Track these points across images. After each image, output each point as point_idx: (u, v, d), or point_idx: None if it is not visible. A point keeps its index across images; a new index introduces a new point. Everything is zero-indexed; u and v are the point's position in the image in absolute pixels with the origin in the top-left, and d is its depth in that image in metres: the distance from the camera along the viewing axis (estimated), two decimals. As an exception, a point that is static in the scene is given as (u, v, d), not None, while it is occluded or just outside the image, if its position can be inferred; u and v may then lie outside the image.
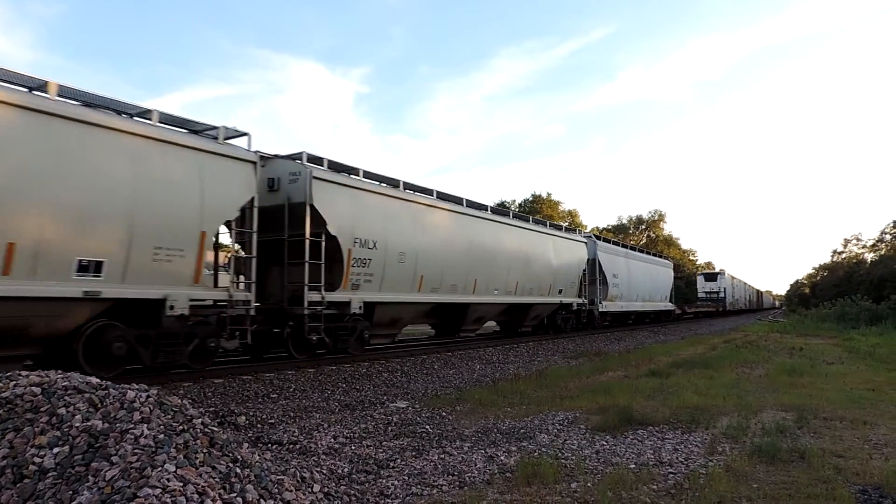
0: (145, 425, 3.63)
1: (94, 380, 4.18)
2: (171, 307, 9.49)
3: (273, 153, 12.62)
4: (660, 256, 39.96)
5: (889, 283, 42.00)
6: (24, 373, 4.18)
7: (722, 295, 59.05)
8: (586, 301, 24.30)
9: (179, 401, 4.19)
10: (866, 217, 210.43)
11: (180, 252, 9.60)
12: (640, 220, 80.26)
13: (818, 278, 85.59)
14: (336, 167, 13.20)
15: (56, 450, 3.39)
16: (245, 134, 11.18)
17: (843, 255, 71.87)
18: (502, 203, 71.41)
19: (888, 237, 58.83)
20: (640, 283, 31.50)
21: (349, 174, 13.66)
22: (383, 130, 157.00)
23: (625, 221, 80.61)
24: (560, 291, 21.89)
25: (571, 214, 72.93)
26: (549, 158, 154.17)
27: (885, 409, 7.94)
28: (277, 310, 12.00)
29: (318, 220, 11.98)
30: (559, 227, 24.12)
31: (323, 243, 12.02)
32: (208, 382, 9.90)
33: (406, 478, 4.96)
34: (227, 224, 10.86)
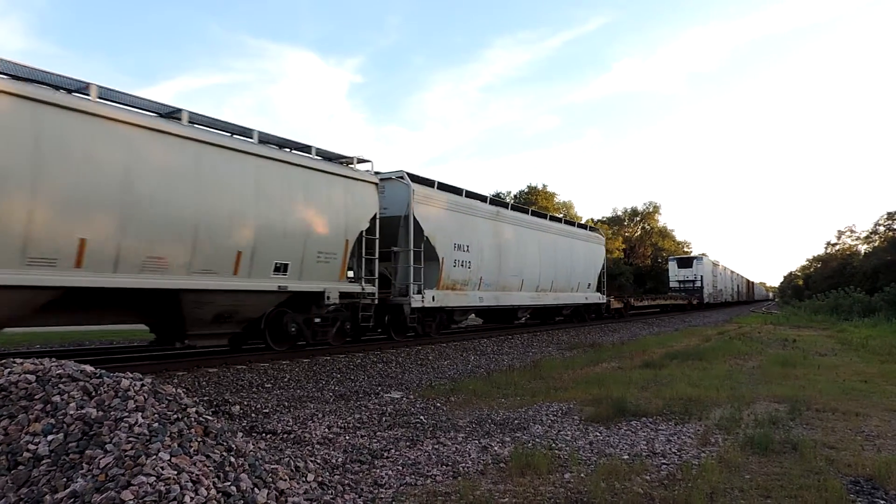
0: (140, 414, 3.63)
1: (89, 368, 4.18)
2: None
3: None
4: (581, 227, 26.80)
5: (882, 275, 42.16)
6: (18, 360, 4.17)
7: (699, 284, 48.73)
8: (368, 289, 13.49)
9: (174, 390, 4.19)
10: (860, 209, 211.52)
11: None
12: (635, 212, 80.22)
13: (812, 270, 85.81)
14: None
15: (50, 437, 3.39)
16: None
17: (837, 247, 71.98)
18: (498, 194, 71.46)
19: (882, 229, 58.89)
20: (529, 262, 20.35)
21: None
22: (378, 121, 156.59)
23: (620, 213, 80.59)
24: (282, 269, 11.28)
25: (566, 206, 72.92)
26: (544, 150, 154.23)
27: (878, 401, 7.99)
28: None
29: None
30: (304, 148, 12.36)
31: None
32: (202, 371, 9.90)
33: (400, 468, 4.98)
34: None
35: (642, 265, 70.25)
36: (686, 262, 51.43)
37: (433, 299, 15.42)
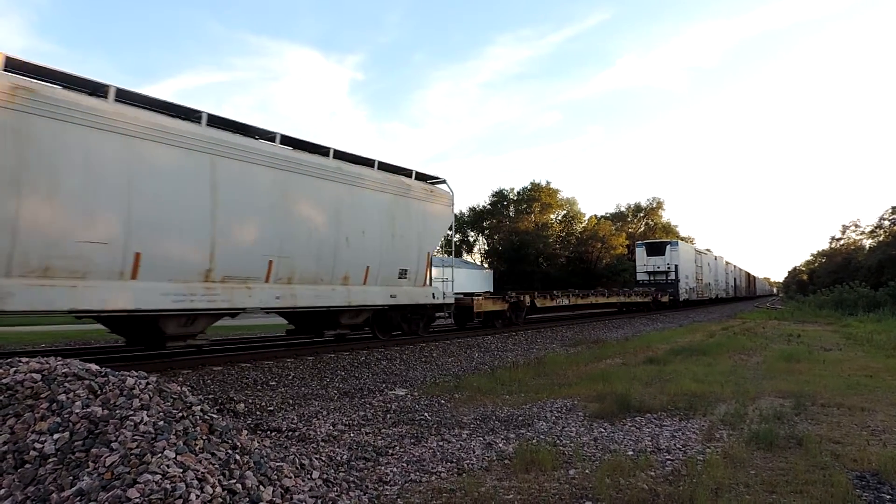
0: (145, 412, 3.64)
1: (94, 367, 4.19)
2: None
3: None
4: (388, 169, 14.60)
5: (887, 270, 42.08)
6: (24, 359, 4.19)
7: (672, 277, 37.72)
8: None
9: (179, 388, 4.19)
10: (865, 203, 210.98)
11: None
12: (638, 208, 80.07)
13: (816, 265, 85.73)
14: None
15: (56, 436, 3.40)
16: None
17: (842, 242, 71.85)
18: (500, 191, 71.56)
19: (887, 223, 58.70)
20: (172, 220, 9.61)
21: None
22: (380, 118, 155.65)
23: (623, 209, 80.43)
24: None
25: (570, 202, 72.86)
26: (546, 146, 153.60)
27: (883, 396, 7.98)
28: None
29: None
30: None
31: None
32: (207, 370, 9.92)
33: (405, 465, 4.98)
34: None
35: (646, 261, 70.06)
36: (656, 248, 40.05)
37: None
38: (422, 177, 15.70)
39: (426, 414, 6.95)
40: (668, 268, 38.28)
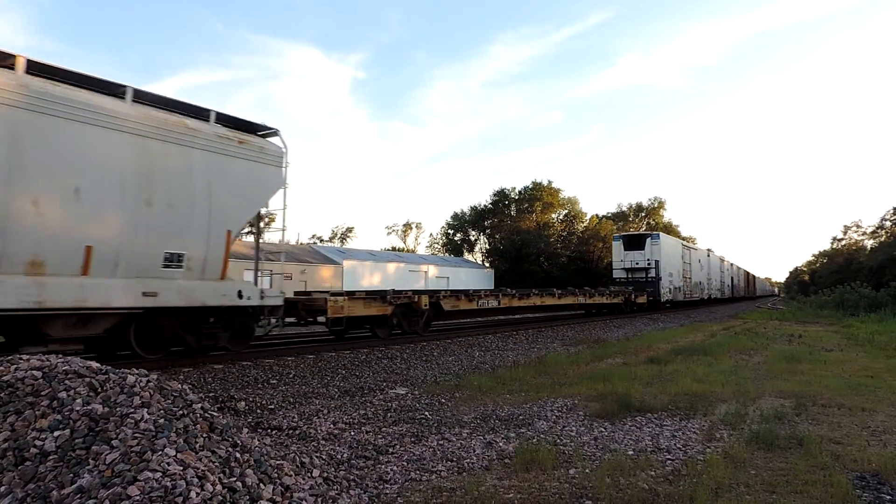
0: (145, 410, 3.64)
1: (95, 364, 4.19)
2: None
3: None
4: (155, 104, 9.71)
5: (889, 270, 42.02)
6: (24, 357, 4.19)
7: (652, 274, 32.92)
8: None
9: (179, 386, 4.20)
10: (866, 204, 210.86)
11: None
12: (639, 208, 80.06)
13: (817, 265, 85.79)
14: None
15: (57, 433, 3.40)
16: None
17: (843, 242, 71.89)
18: (502, 190, 71.65)
19: (888, 224, 58.69)
20: None
21: None
22: (381, 117, 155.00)
23: (625, 209, 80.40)
24: None
25: (572, 202, 72.88)
26: (548, 146, 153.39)
27: (884, 396, 7.97)
28: None
29: None
30: None
31: None
32: (208, 368, 9.93)
33: (405, 463, 4.99)
34: None
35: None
36: (635, 241, 34.88)
37: None
38: (231, 121, 10.97)
39: (427, 413, 6.96)
40: (648, 264, 33.15)
